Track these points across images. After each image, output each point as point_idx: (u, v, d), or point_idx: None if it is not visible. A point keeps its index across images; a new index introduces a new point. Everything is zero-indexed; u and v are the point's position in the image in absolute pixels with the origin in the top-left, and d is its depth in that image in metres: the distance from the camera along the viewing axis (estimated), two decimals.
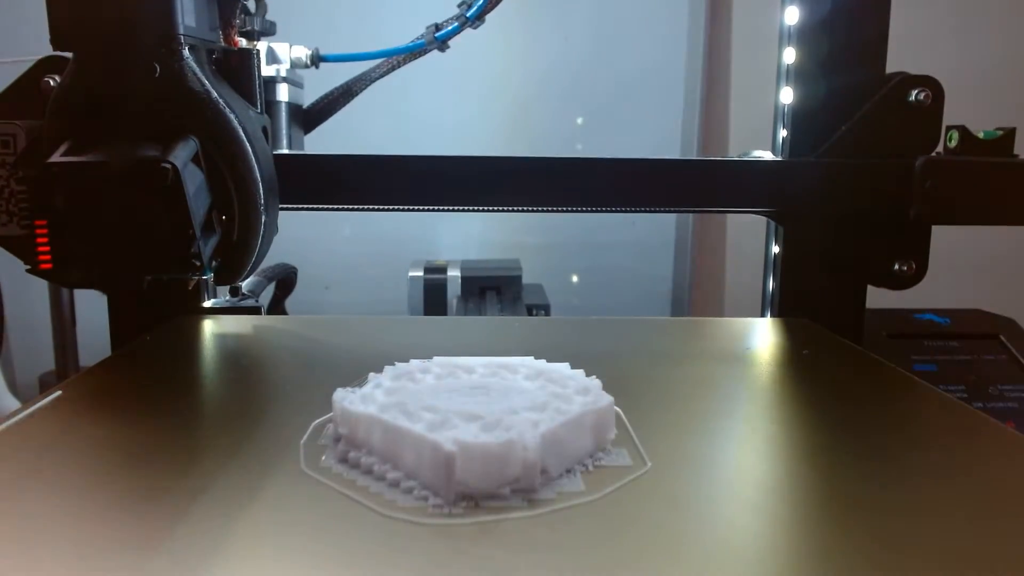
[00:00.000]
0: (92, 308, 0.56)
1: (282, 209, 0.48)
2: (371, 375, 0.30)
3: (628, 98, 1.16)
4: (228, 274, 0.44)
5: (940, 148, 0.51)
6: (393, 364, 0.32)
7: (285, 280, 0.71)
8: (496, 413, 0.25)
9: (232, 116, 0.40)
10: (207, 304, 0.54)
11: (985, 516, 0.24)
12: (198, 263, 0.38)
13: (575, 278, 1.19)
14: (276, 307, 0.72)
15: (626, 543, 0.22)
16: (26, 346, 1.00)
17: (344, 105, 0.58)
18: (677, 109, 1.17)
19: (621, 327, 0.49)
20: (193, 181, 0.38)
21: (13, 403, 0.85)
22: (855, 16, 0.51)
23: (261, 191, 0.41)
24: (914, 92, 0.50)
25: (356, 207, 0.52)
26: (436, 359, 0.32)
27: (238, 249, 0.42)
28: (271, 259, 0.69)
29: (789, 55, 0.53)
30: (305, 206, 0.51)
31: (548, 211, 0.53)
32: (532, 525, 0.23)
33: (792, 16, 0.53)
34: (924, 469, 0.28)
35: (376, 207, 0.52)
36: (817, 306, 0.52)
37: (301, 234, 1.09)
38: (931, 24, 0.97)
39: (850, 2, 0.51)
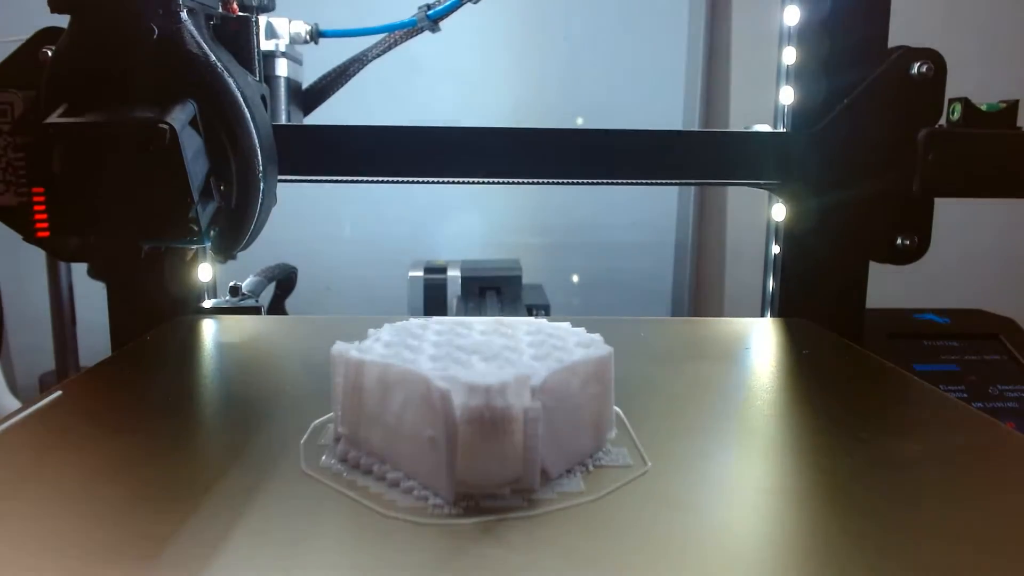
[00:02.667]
0: (92, 308, 0.56)
1: (282, 181, 0.48)
2: (371, 331, 0.30)
3: (628, 98, 1.16)
4: (226, 244, 0.43)
5: (943, 121, 0.51)
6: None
7: (285, 280, 0.71)
8: (498, 360, 0.25)
9: (231, 80, 0.40)
10: (207, 304, 0.54)
11: (985, 516, 0.24)
12: (196, 228, 0.38)
13: (575, 278, 1.19)
14: (276, 307, 0.72)
15: (626, 543, 0.22)
16: (26, 346, 1.00)
17: (342, 85, 0.58)
18: (677, 109, 1.17)
19: (621, 327, 0.49)
20: (191, 144, 0.37)
21: (13, 403, 0.85)
22: (855, 16, 0.51)
23: (260, 158, 0.41)
24: (916, 65, 0.49)
25: (356, 179, 0.51)
26: (435, 318, 0.32)
27: (236, 217, 0.42)
28: (272, 258, 0.70)
29: (789, 55, 0.53)
30: (303, 178, 0.51)
31: (550, 184, 0.52)
32: (532, 525, 0.23)
33: (792, 16, 0.53)
34: (924, 469, 0.28)
35: (377, 179, 0.51)
36: (817, 306, 0.52)
37: (301, 234, 1.09)
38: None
39: (850, 2, 0.51)
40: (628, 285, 1.19)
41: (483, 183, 0.52)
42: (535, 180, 0.52)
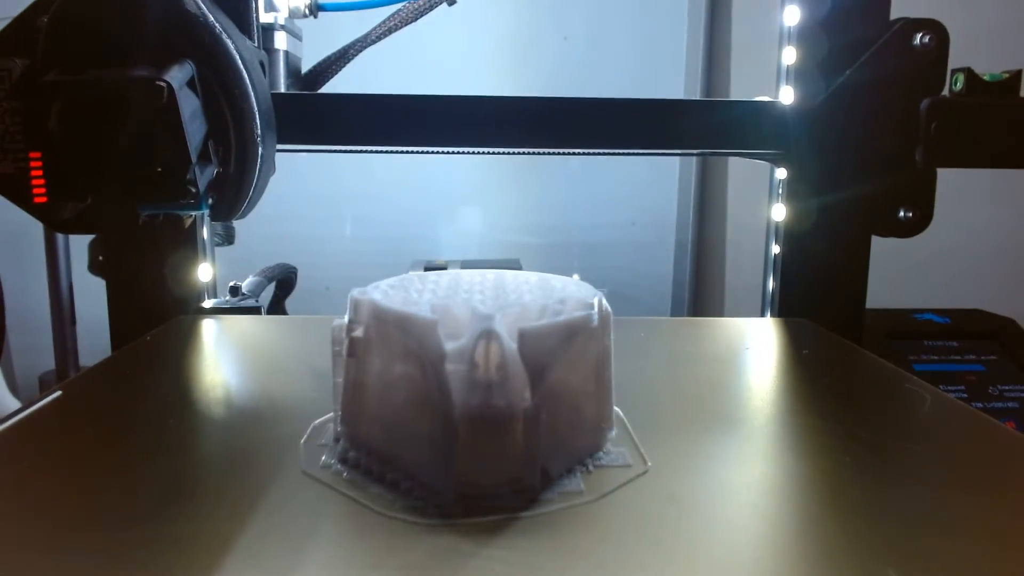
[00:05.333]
0: (92, 308, 0.56)
1: (283, 151, 0.47)
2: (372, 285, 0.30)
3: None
4: (224, 211, 0.42)
5: (946, 92, 0.50)
6: None
7: (285, 280, 0.71)
8: (500, 304, 0.26)
9: (229, 42, 0.39)
10: (207, 304, 0.54)
11: (985, 516, 0.24)
12: (194, 190, 0.38)
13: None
14: (276, 307, 0.72)
15: (626, 543, 0.22)
16: (26, 346, 1.00)
17: (340, 69, 0.57)
18: None
19: (621, 327, 0.49)
20: (188, 105, 0.37)
21: (13, 403, 0.85)
22: (855, 15, 0.51)
23: (258, 121, 0.41)
24: (918, 36, 0.49)
25: (356, 148, 0.50)
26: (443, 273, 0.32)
27: (234, 183, 0.41)
28: (272, 258, 0.70)
29: (789, 55, 0.53)
30: (301, 147, 0.50)
31: (552, 154, 0.52)
32: (532, 525, 0.23)
33: (792, 16, 0.53)
34: (924, 469, 0.28)
35: (377, 148, 0.50)
36: (817, 306, 0.52)
37: (301, 234, 1.09)
38: None
39: (850, 2, 0.51)
40: (628, 285, 1.19)
41: (484, 153, 0.51)
42: (535, 150, 0.51)
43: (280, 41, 0.54)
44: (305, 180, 1.06)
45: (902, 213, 0.51)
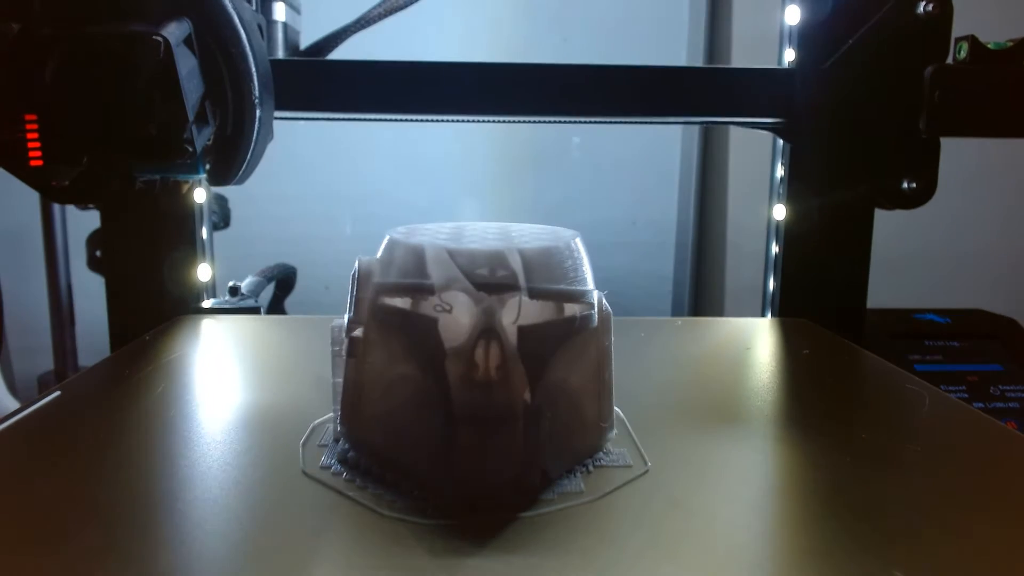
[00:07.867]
0: (91, 309, 0.56)
1: (282, 118, 0.47)
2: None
3: None
4: (221, 173, 0.42)
5: (950, 60, 0.50)
6: None
7: (285, 280, 0.71)
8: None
9: (227, 1, 0.39)
10: (206, 304, 0.54)
11: (986, 516, 0.24)
12: (191, 150, 0.37)
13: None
14: (276, 307, 0.72)
15: (626, 543, 0.22)
16: (26, 346, 1.00)
17: (340, 43, 0.57)
18: None
19: (621, 327, 0.49)
20: (185, 63, 0.37)
21: (13, 403, 0.85)
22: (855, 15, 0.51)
23: (256, 82, 0.40)
24: (921, 4, 0.49)
25: (357, 116, 0.50)
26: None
27: (231, 145, 0.41)
28: (272, 258, 0.70)
29: (790, 56, 0.53)
30: (304, 115, 0.50)
31: (555, 122, 0.51)
32: (532, 525, 0.23)
33: (792, 16, 0.53)
34: (924, 469, 0.28)
35: (377, 116, 0.50)
36: (817, 306, 0.52)
37: (301, 234, 1.09)
38: None
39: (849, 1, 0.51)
40: (628, 285, 1.19)
41: (484, 122, 0.51)
42: (542, 119, 0.51)
43: (279, 12, 0.53)
44: (305, 179, 1.06)
45: (905, 184, 0.50)
